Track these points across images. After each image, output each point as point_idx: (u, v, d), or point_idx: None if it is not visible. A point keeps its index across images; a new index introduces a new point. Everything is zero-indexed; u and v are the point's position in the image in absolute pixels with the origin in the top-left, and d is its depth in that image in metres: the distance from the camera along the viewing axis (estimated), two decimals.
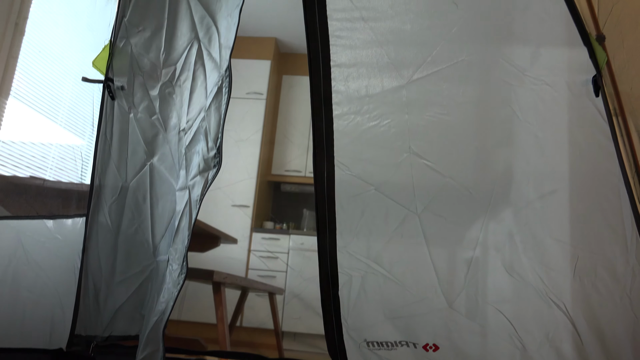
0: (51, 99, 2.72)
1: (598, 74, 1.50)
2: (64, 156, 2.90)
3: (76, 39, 2.49)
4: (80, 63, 2.72)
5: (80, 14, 1.90)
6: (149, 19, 1.66)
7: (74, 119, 2.91)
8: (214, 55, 1.55)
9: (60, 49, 2.72)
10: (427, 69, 1.55)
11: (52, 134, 2.80)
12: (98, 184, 1.80)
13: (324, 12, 1.53)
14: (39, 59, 2.60)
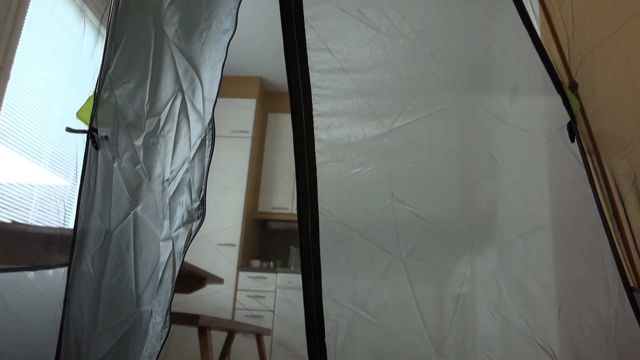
0: (35, 141, 2.72)
1: (572, 121, 1.54)
2: (48, 197, 2.88)
3: (60, 91, 2.52)
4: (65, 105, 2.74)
5: (64, 67, 1.92)
6: (133, 71, 1.69)
7: (59, 160, 2.91)
8: (197, 107, 1.57)
9: (45, 94, 2.74)
10: (407, 118, 1.58)
11: (36, 175, 2.79)
12: (81, 233, 1.78)
13: (305, 64, 1.56)
14: (23, 103, 2.61)
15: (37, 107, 2.71)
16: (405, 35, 1.54)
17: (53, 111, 2.80)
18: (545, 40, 1.48)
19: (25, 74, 2.63)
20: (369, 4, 1.53)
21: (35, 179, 2.82)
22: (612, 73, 1.25)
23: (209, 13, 1.56)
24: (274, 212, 4.66)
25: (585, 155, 1.55)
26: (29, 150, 2.70)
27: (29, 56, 2.65)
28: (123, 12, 1.64)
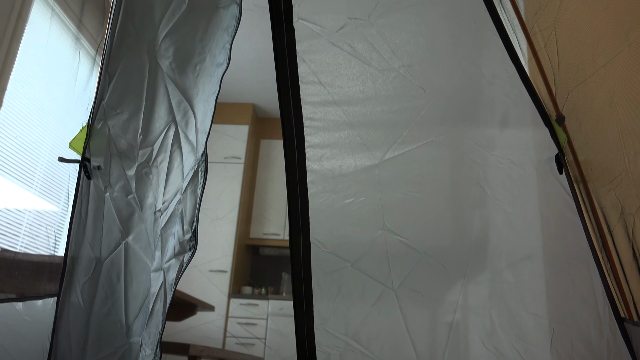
0: (26, 166, 2.71)
1: (560, 153, 1.57)
2: (38, 223, 2.86)
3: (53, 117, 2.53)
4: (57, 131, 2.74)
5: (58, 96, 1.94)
6: (127, 102, 1.70)
7: (50, 186, 2.90)
8: (190, 139, 1.58)
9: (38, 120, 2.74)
10: (398, 149, 1.60)
11: (26, 201, 2.78)
12: (71, 263, 1.77)
13: (297, 97, 1.59)
14: (15, 128, 2.62)
15: (29, 132, 2.71)
16: (396, 69, 1.57)
17: (45, 137, 2.80)
18: (532, 75, 1.52)
19: (19, 101, 2.64)
20: (360, 39, 1.56)
21: (25, 204, 2.80)
22: (598, 108, 1.28)
23: (203, 47, 1.58)
24: (265, 238, 4.64)
25: (574, 186, 1.58)
26: (20, 176, 2.69)
27: (22, 83, 2.66)
28: (118, 45, 1.67)
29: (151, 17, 1.62)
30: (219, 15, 1.55)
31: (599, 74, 1.21)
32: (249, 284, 4.68)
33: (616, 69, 1.15)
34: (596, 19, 1.19)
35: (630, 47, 1.08)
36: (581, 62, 1.28)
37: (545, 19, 1.39)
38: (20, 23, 2.65)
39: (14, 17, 2.61)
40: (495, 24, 1.48)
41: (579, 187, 1.58)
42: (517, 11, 1.48)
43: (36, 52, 2.73)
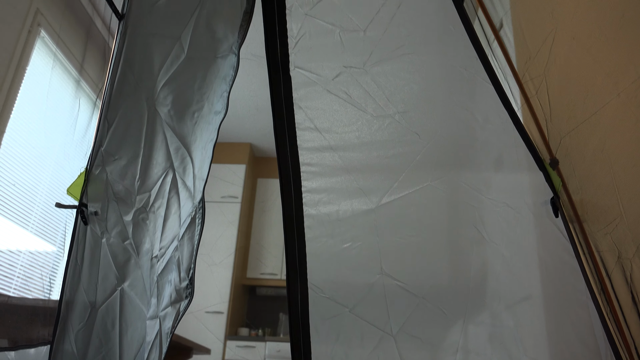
0: (23, 206, 2.70)
1: (555, 196, 1.58)
2: (33, 264, 2.83)
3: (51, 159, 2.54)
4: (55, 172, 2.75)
5: (57, 139, 1.96)
6: (125, 148, 1.72)
7: (46, 225, 2.88)
8: (188, 185, 1.59)
9: (36, 161, 2.75)
10: (394, 194, 1.61)
11: (21, 241, 2.75)
12: (65, 309, 1.75)
13: (294, 143, 1.61)
14: (12, 169, 2.62)
15: (26, 174, 2.72)
16: (391, 115, 1.60)
17: (43, 177, 2.80)
18: (525, 120, 1.54)
19: (17, 142, 2.65)
20: (355, 86, 1.60)
21: (20, 245, 2.78)
22: (590, 154, 1.30)
23: (201, 95, 1.61)
24: (262, 277, 4.60)
25: (570, 230, 1.58)
26: (16, 216, 2.68)
27: (22, 126, 2.69)
28: (117, 93, 1.69)
29: (150, 66, 1.66)
30: (217, 64, 1.59)
31: (590, 122, 1.24)
32: (245, 325, 4.60)
33: (606, 117, 1.17)
34: (585, 69, 1.23)
35: (619, 96, 1.11)
36: (572, 110, 1.31)
37: (536, 68, 1.42)
38: (21, 66, 2.70)
39: (15, 60, 2.66)
40: (487, 71, 1.51)
41: (575, 231, 1.58)
42: (509, 59, 1.52)
43: (36, 96, 2.77)
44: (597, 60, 1.16)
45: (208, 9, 1.60)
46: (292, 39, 1.58)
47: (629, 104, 1.08)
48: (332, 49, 1.59)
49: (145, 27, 1.65)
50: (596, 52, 1.16)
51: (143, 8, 1.65)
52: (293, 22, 1.57)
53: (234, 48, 1.55)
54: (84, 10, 3.01)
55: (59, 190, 2.89)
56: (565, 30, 1.28)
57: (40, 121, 2.73)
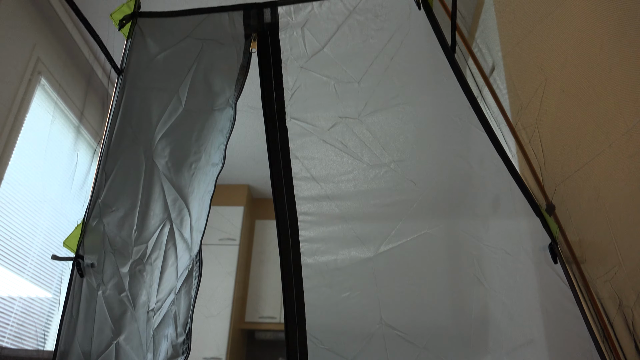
0: (19, 253, 2.68)
1: (553, 242, 1.57)
2: (28, 311, 2.79)
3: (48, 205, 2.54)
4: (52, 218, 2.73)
5: (54, 188, 1.96)
6: (122, 200, 1.72)
7: (42, 271, 2.85)
8: (185, 236, 1.59)
9: (33, 208, 2.75)
10: (392, 242, 1.61)
11: (17, 288, 2.72)
12: None
13: (291, 193, 1.62)
14: (9, 215, 2.61)
15: (24, 219, 2.71)
16: (387, 164, 1.61)
17: (40, 224, 2.80)
18: (521, 167, 1.55)
19: (15, 189, 2.65)
20: (351, 136, 1.62)
21: (16, 291, 2.74)
22: (585, 202, 1.30)
23: (199, 147, 1.63)
24: (261, 321, 4.52)
25: (570, 276, 1.57)
26: (12, 262, 2.65)
27: (20, 173, 2.69)
28: (116, 145, 1.71)
29: (148, 118, 1.68)
30: (214, 117, 1.61)
31: (584, 171, 1.25)
32: None
33: (599, 167, 1.18)
34: (575, 121, 1.25)
35: (610, 147, 1.13)
36: (565, 159, 1.32)
37: (528, 118, 1.45)
38: (20, 113, 2.72)
39: (15, 108, 2.68)
40: (480, 119, 1.53)
41: (575, 277, 1.57)
42: (501, 108, 1.54)
43: (35, 143, 2.79)
44: (586, 112, 1.18)
45: (205, 63, 1.63)
46: (288, 91, 1.62)
47: (621, 154, 1.09)
48: (327, 100, 1.62)
49: (144, 81, 1.68)
50: (586, 104, 1.19)
51: (141, 63, 1.68)
52: (289, 75, 1.61)
53: (230, 101, 1.57)
54: (85, 60, 3.07)
55: (55, 237, 2.88)
56: (554, 82, 1.31)
57: (39, 169, 2.75)
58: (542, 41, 1.34)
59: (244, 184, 4.84)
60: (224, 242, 4.55)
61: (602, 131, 1.14)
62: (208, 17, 1.63)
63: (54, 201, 2.09)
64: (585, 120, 1.20)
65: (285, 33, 1.60)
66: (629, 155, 1.07)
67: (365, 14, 1.58)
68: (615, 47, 1.05)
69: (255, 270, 4.75)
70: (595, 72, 1.13)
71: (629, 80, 1.02)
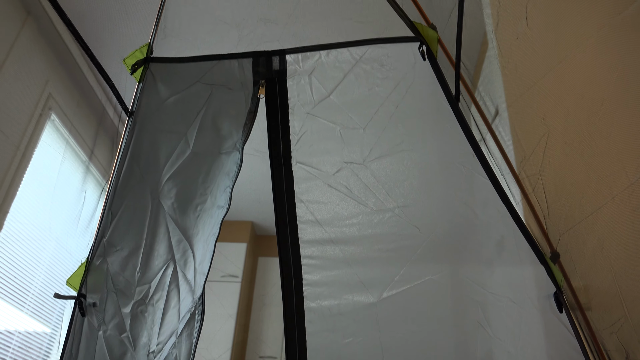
0: (20, 287, 2.67)
1: (559, 291, 1.56)
2: (27, 345, 2.76)
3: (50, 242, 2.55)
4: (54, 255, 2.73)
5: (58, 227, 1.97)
6: (127, 239, 1.73)
7: (42, 306, 2.83)
8: (188, 278, 1.59)
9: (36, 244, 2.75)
10: (395, 288, 1.60)
11: (16, 322, 2.70)
12: None
13: (295, 236, 1.62)
14: (12, 249, 2.62)
15: (26, 253, 2.71)
16: (391, 209, 1.62)
17: (42, 258, 2.80)
18: (525, 215, 1.56)
19: (20, 222, 2.67)
20: (356, 181, 1.63)
21: (15, 325, 2.72)
22: (590, 253, 1.30)
23: (205, 189, 1.65)
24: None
25: (576, 326, 1.55)
26: (12, 297, 2.64)
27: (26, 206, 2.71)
28: (123, 185, 1.73)
29: (156, 160, 1.70)
30: (221, 160, 1.64)
31: (587, 222, 1.26)
32: None
33: (603, 219, 1.19)
34: (578, 173, 1.26)
35: (613, 200, 1.14)
36: (569, 209, 1.33)
37: (531, 167, 1.46)
38: (29, 148, 2.76)
39: (24, 142, 2.73)
40: (484, 167, 1.55)
41: (581, 327, 1.55)
42: (506, 157, 1.56)
43: (43, 178, 2.82)
44: (589, 165, 1.20)
45: (214, 108, 1.67)
46: (295, 136, 1.64)
47: (624, 208, 1.10)
48: (333, 145, 1.65)
49: (153, 124, 1.71)
50: (588, 157, 1.20)
51: (151, 106, 1.72)
52: (295, 120, 1.64)
53: (238, 145, 1.60)
54: (97, 98, 3.13)
55: (57, 272, 2.88)
56: (557, 135, 1.33)
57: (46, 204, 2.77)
58: (545, 95, 1.37)
59: (247, 221, 4.85)
60: (225, 279, 4.52)
61: (605, 184, 1.15)
62: (218, 63, 1.68)
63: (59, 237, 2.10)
64: (588, 173, 1.21)
65: (293, 80, 1.64)
66: (632, 209, 1.08)
67: (371, 63, 1.62)
68: (616, 104, 1.07)
69: (256, 311, 4.70)
70: (597, 127, 1.15)
71: (631, 137, 1.04)
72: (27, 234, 2.72)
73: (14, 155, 2.64)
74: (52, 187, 2.57)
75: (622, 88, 1.04)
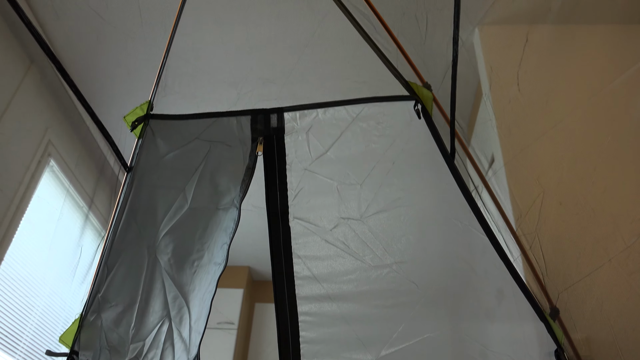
0: (12, 332, 2.62)
1: (559, 349, 1.54)
2: None
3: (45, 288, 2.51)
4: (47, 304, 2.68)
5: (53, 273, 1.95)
6: (123, 295, 1.70)
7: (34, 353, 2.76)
8: (184, 336, 1.56)
9: (30, 289, 2.71)
10: (394, 346, 1.57)
11: None
12: None
13: (293, 293, 1.61)
14: (6, 294, 2.58)
15: (18, 300, 2.67)
16: (389, 265, 1.61)
17: (36, 303, 2.75)
18: (524, 271, 1.55)
19: (14, 268, 2.64)
20: (353, 237, 1.63)
21: None
22: (589, 312, 1.29)
23: (202, 244, 1.64)
24: None
25: None
26: (4, 342, 2.58)
27: (22, 252, 2.68)
28: (120, 240, 1.72)
29: (154, 215, 1.70)
30: (219, 216, 1.64)
31: (585, 282, 1.25)
32: None
33: (601, 280, 1.19)
34: (574, 234, 1.27)
35: (610, 262, 1.14)
36: (567, 269, 1.33)
37: (528, 225, 1.47)
38: (27, 194, 2.76)
39: (22, 188, 2.72)
40: (480, 223, 1.55)
41: None
42: (503, 213, 1.57)
43: (41, 225, 2.81)
44: (584, 226, 1.21)
45: (212, 164, 1.68)
46: (292, 192, 1.65)
47: (621, 271, 1.10)
48: (330, 201, 1.65)
49: (152, 179, 1.72)
50: (583, 219, 1.21)
51: (150, 161, 1.74)
52: (293, 176, 1.65)
53: (235, 201, 1.61)
54: (97, 146, 3.16)
55: (50, 319, 2.83)
56: (552, 195, 1.34)
57: (43, 250, 2.74)
58: (538, 157, 1.40)
59: (244, 266, 4.80)
60: (222, 325, 4.44)
61: (601, 246, 1.16)
62: (217, 120, 1.70)
63: (53, 284, 2.08)
64: (584, 234, 1.21)
65: (291, 137, 1.66)
66: (629, 272, 1.08)
67: (367, 121, 1.65)
68: (608, 169, 1.09)
69: (253, 354, 4.59)
70: (590, 191, 1.16)
71: (624, 201, 1.05)
72: (21, 279, 2.68)
73: (11, 201, 2.63)
74: (50, 234, 2.56)
75: (614, 155, 1.06)
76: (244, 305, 4.63)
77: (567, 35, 1.23)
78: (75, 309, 1.79)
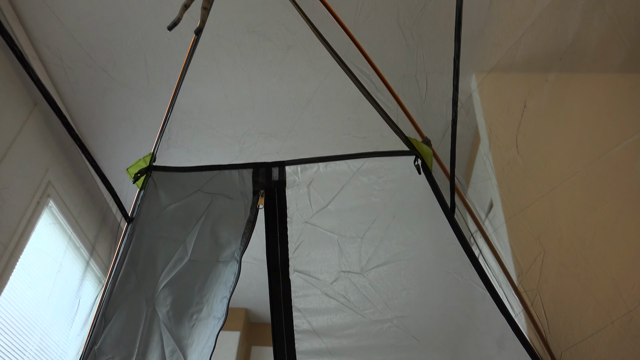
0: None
1: None
2: None
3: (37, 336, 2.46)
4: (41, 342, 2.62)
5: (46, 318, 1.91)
6: (119, 347, 1.68)
7: None
8: None
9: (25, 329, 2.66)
10: None
11: None
12: None
13: (292, 347, 1.59)
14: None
15: (13, 340, 2.61)
16: (389, 320, 1.60)
17: (29, 345, 2.69)
18: (526, 327, 1.54)
19: (7, 311, 2.59)
20: (353, 290, 1.63)
21: None
22: None
23: (201, 297, 1.63)
24: None
25: None
26: None
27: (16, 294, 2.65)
28: (118, 291, 1.71)
29: (153, 266, 1.70)
30: (219, 269, 1.63)
31: (588, 342, 1.24)
32: None
33: (604, 342, 1.18)
34: (576, 294, 1.26)
35: (612, 325, 1.13)
36: (569, 328, 1.32)
37: (529, 283, 1.47)
38: (25, 234, 2.74)
39: (20, 228, 2.71)
40: (481, 278, 1.55)
41: None
42: (504, 269, 1.56)
43: (39, 266, 2.78)
44: (586, 288, 1.21)
45: (213, 216, 1.69)
46: (292, 244, 1.65)
47: (624, 334, 1.09)
48: (330, 254, 1.65)
49: (152, 230, 1.72)
50: (584, 280, 1.21)
51: (152, 212, 1.74)
52: (294, 229, 1.66)
53: (236, 255, 1.60)
54: (98, 188, 3.16)
55: None
56: (552, 255, 1.35)
57: (38, 291, 2.70)
58: (538, 217, 1.41)
59: (241, 307, 4.73)
60: None
61: (603, 308, 1.15)
62: (219, 173, 1.72)
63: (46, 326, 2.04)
64: (586, 295, 1.21)
65: (292, 190, 1.68)
66: (633, 336, 1.08)
67: (367, 175, 1.67)
68: (609, 234, 1.10)
69: None
70: (591, 254, 1.17)
71: (625, 266, 1.06)
72: (15, 320, 2.64)
73: (10, 238, 2.61)
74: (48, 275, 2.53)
75: (613, 219, 1.07)
76: (240, 349, 4.54)
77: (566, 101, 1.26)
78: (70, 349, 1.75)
